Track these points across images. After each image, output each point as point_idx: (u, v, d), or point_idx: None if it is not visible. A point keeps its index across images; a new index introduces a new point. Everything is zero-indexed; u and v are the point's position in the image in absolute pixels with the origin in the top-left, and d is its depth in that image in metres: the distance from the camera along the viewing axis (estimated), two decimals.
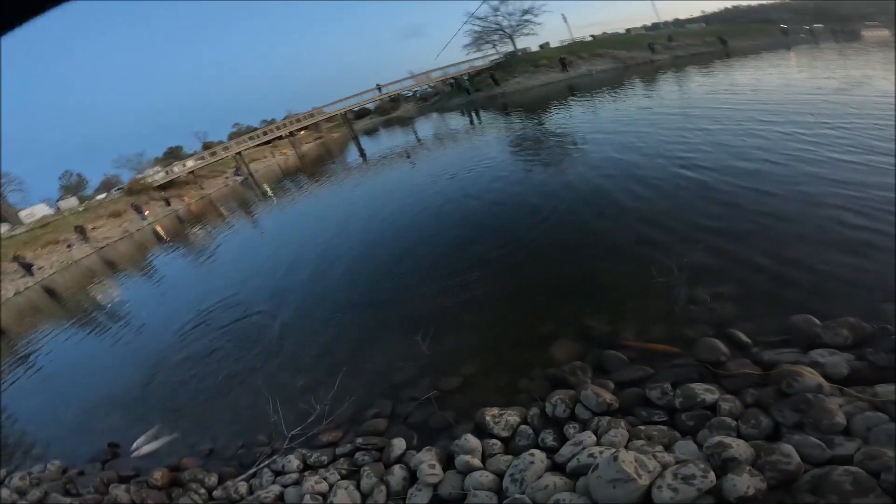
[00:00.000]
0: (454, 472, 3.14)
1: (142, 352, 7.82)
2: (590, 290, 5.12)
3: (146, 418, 5.55)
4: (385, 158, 22.33)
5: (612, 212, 6.90)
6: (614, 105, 17.92)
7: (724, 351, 3.47)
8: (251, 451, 4.35)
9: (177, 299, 10.44)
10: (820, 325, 3.37)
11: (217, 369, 6.21)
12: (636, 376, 3.58)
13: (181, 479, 4.23)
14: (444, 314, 5.56)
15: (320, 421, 4.20)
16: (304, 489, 3.40)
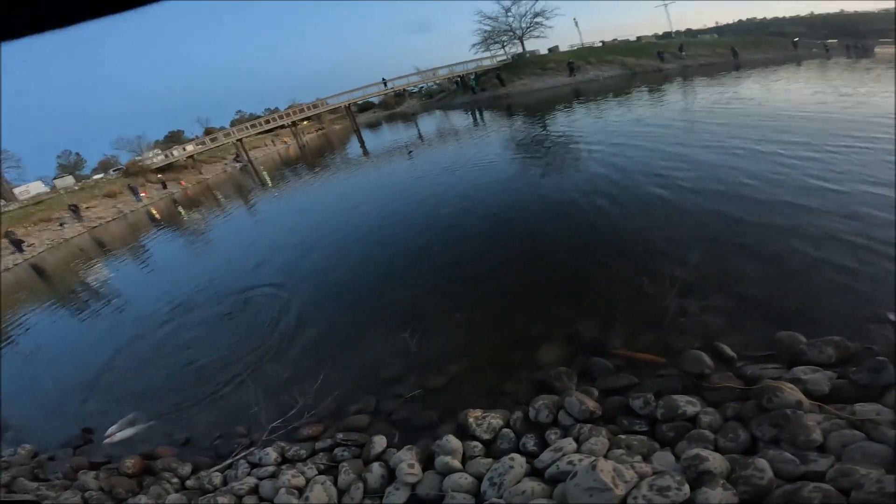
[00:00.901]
0: (433, 473, 3.12)
1: (124, 335, 7.71)
2: (581, 295, 5.12)
3: (124, 404, 5.47)
4: (386, 153, 22.30)
5: (609, 220, 6.89)
6: (618, 112, 17.90)
7: (709, 364, 3.48)
8: (229, 442, 4.28)
9: (163, 283, 10.34)
10: (805, 342, 3.39)
11: (200, 357, 6.13)
12: (621, 385, 3.58)
13: (154, 467, 4.14)
14: (433, 312, 5.54)
15: (302, 414, 4.16)
16: (280, 482, 3.34)
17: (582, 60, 40.31)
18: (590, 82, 35.51)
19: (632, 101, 20.01)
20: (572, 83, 36.35)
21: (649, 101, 19.14)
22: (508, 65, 45.15)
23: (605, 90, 26.94)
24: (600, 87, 29.69)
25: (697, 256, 5.14)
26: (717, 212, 6.25)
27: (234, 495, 3.39)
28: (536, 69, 41.32)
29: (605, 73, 38.07)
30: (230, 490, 3.45)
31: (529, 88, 38.25)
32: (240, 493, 3.41)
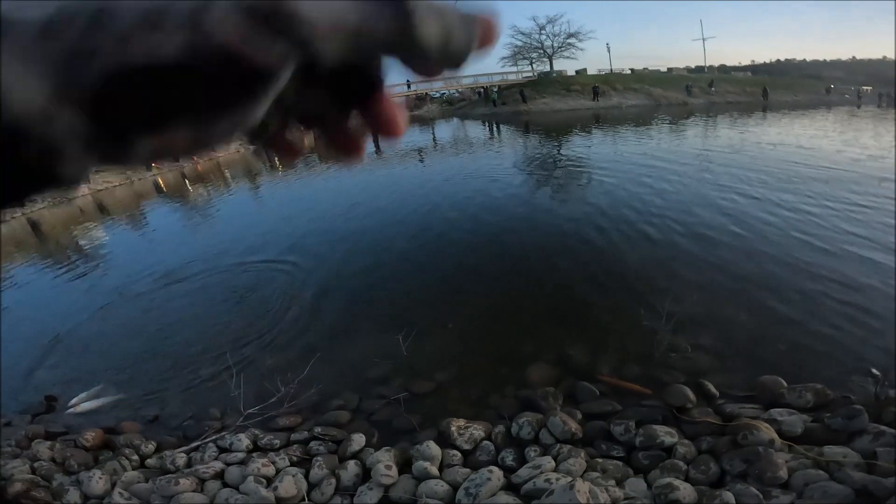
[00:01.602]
0: (409, 477, 3.12)
1: (107, 302, 7.63)
2: (577, 319, 5.13)
3: (97, 372, 5.35)
4: (399, 154, 22.33)
5: (613, 250, 6.89)
6: (634, 143, 17.93)
7: (692, 398, 3.61)
8: (200, 424, 4.17)
9: (156, 253, 10.31)
10: (786, 386, 3.54)
11: (182, 333, 6.07)
12: (604, 410, 3.64)
13: (115, 442, 4.02)
14: (428, 318, 5.51)
15: (281, 404, 4.11)
16: (249, 470, 3.29)
17: (608, 86, 39.97)
18: (612, 109, 35.30)
19: (650, 133, 20.00)
20: (594, 108, 36.13)
21: (667, 136, 19.15)
22: (533, 82, 44.95)
23: (626, 119, 26.87)
24: (621, 115, 29.60)
25: (696, 297, 5.17)
26: (720, 257, 6.29)
27: (196, 478, 3.30)
28: (560, 89, 41.02)
29: (628, 101, 37.78)
30: (194, 472, 3.35)
31: (551, 108, 37.98)
32: (203, 477, 3.33)
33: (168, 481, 3.19)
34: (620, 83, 41.21)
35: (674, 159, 13.20)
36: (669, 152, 14.40)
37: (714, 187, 9.63)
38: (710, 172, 11.11)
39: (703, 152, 14.18)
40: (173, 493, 3.14)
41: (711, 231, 7.17)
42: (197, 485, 3.26)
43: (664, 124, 23.36)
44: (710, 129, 20.46)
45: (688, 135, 19.08)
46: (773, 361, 3.98)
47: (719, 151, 14.20)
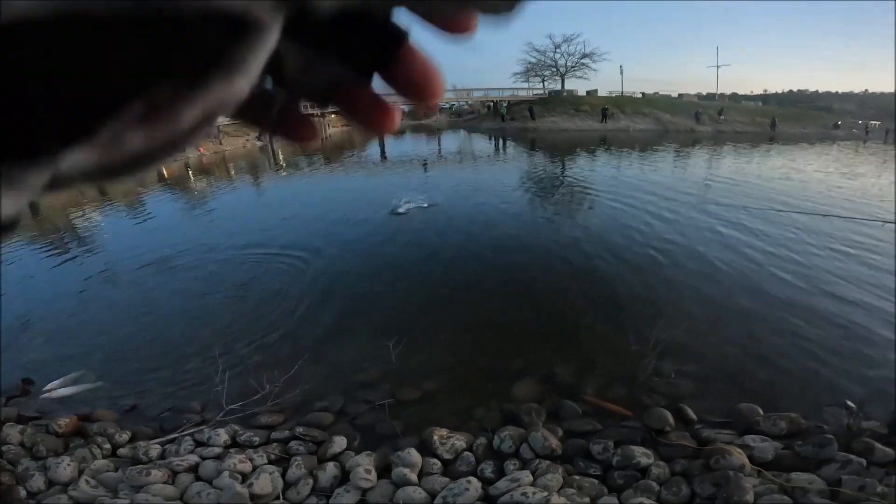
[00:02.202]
0: (388, 482, 3.12)
1: (96, 285, 7.63)
2: (566, 339, 5.17)
3: (78, 357, 5.26)
4: (403, 162, 22.48)
5: (608, 272, 6.95)
6: (637, 167, 18.05)
7: (671, 422, 3.68)
8: (179, 416, 4.11)
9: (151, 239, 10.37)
10: (762, 414, 3.68)
11: (170, 322, 6.06)
12: (585, 429, 3.70)
13: (88, 430, 3.91)
14: (421, 327, 5.54)
15: (265, 401, 4.09)
16: (225, 465, 3.22)
17: (617, 108, 40.08)
18: (619, 131, 35.44)
19: (654, 159, 20.12)
20: (602, 130, 36.27)
21: (671, 163, 19.26)
22: (543, 99, 45.14)
23: (632, 142, 27.05)
24: (628, 139, 29.77)
25: (684, 325, 5.23)
26: (711, 288, 6.36)
27: (169, 470, 3.23)
28: (570, 109, 41.15)
29: (636, 125, 37.85)
30: (167, 464, 3.28)
31: (558, 127, 38.13)
32: (177, 469, 3.25)
33: (139, 472, 3.13)
34: (630, 106, 41.33)
35: (674, 187, 13.29)
36: (670, 179, 14.48)
37: (711, 218, 9.70)
38: (708, 203, 11.17)
39: (704, 182, 14.26)
40: (143, 484, 3.07)
41: (705, 262, 7.23)
42: (169, 477, 3.19)
43: (669, 151, 23.48)
44: (713, 159, 20.56)
45: (691, 163, 19.18)
46: (752, 390, 4.10)
47: (720, 182, 14.28)
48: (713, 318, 5.51)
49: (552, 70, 50.99)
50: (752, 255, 7.38)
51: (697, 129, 36.86)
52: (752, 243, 7.94)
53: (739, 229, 8.78)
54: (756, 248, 7.67)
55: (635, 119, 38.98)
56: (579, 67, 50.26)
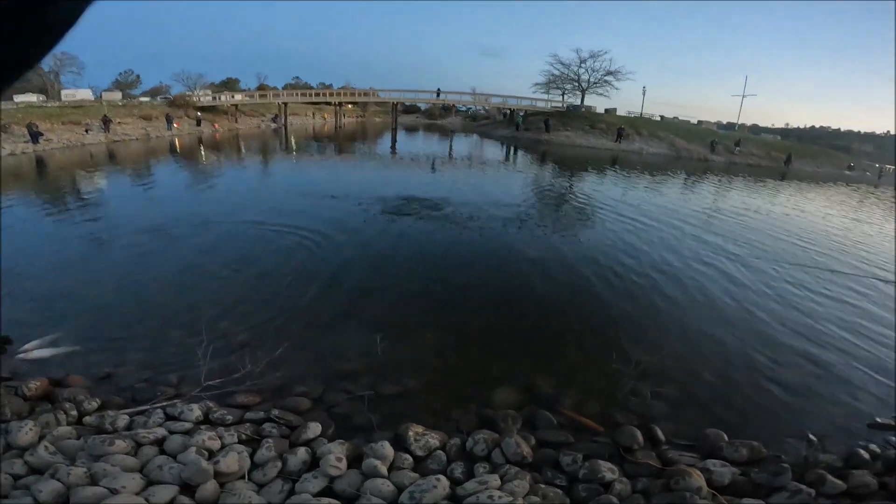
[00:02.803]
0: (357, 472, 3.13)
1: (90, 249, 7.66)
2: (551, 352, 5.19)
3: (59, 320, 5.20)
4: (412, 159, 22.53)
5: (600, 291, 6.97)
6: (644, 190, 18.04)
7: (640, 441, 3.73)
8: (153, 388, 4.06)
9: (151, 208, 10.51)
10: (727, 440, 3.77)
11: (159, 291, 6.07)
12: (557, 440, 3.76)
13: (57, 395, 3.83)
14: (410, 324, 5.58)
15: (244, 381, 4.09)
16: (193, 441, 3.18)
17: (633, 129, 39.61)
18: (632, 153, 35.00)
19: (663, 185, 20.06)
20: (615, 149, 35.82)
21: (679, 190, 19.23)
22: (560, 113, 44.67)
23: (644, 165, 26.82)
24: (640, 161, 29.51)
25: (667, 350, 5.30)
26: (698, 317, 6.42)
27: (134, 441, 3.18)
28: (585, 125, 40.63)
29: (650, 148, 37.39)
30: (132, 435, 3.22)
31: (571, 142, 37.79)
32: (142, 441, 3.20)
33: (102, 441, 3.08)
34: (646, 129, 40.77)
35: (677, 215, 13.28)
36: (675, 207, 14.44)
37: (706, 251, 9.69)
38: (707, 234, 11.17)
39: (707, 212, 14.25)
40: (103, 454, 3.02)
41: (695, 292, 7.25)
42: (132, 448, 3.15)
43: (679, 177, 23.43)
44: (721, 190, 20.54)
45: (698, 192, 19.15)
46: (722, 416, 4.21)
47: (723, 214, 14.27)
48: (694, 346, 5.58)
49: (574, 84, 50.28)
50: (739, 292, 7.42)
51: (711, 158, 36.37)
52: (741, 280, 7.96)
53: (731, 265, 8.78)
54: (744, 287, 7.69)
55: (650, 142, 38.51)
56: (602, 84, 49.59)
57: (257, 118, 45.30)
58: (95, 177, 14.55)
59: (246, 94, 47.58)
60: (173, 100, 39.91)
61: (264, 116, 46.17)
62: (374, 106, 61.07)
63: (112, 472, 2.84)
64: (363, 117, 63.26)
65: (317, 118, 55.36)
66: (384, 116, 60.48)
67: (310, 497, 2.84)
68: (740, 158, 37.31)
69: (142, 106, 36.20)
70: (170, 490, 2.77)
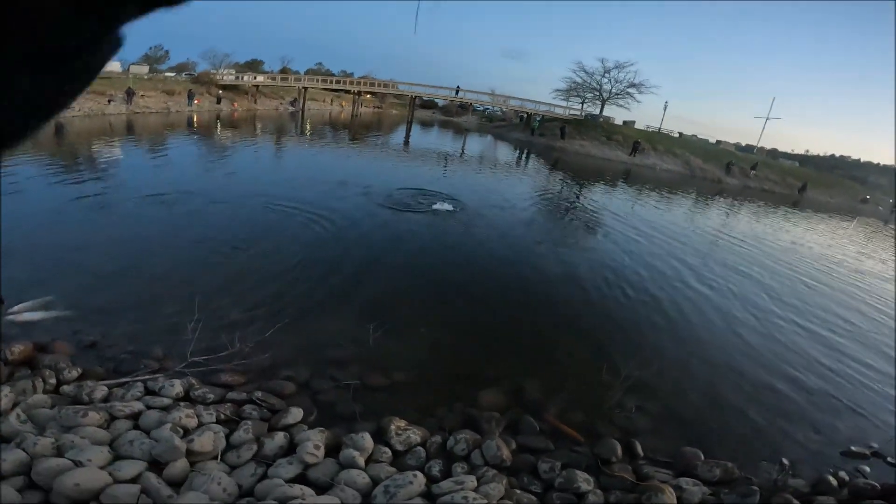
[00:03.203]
0: (334, 462, 3.11)
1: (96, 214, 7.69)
2: (542, 359, 5.17)
3: (55, 282, 5.16)
4: (424, 154, 22.52)
5: (597, 303, 6.94)
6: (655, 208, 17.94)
7: (618, 454, 3.75)
8: (137, 360, 4.01)
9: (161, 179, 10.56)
10: (702, 460, 3.82)
11: (156, 262, 6.07)
12: (537, 446, 3.76)
13: (39, 361, 3.74)
14: (406, 317, 5.57)
15: (230, 360, 4.06)
16: (170, 418, 3.12)
17: (650, 144, 38.61)
18: (645, 168, 34.45)
19: (673, 203, 19.89)
20: (628, 163, 35.25)
21: (687, 210, 19.08)
22: (578, 121, 43.71)
23: (656, 182, 26.46)
24: (652, 177, 29.14)
25: (658, 366, 5.25)
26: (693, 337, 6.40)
27: (108, 414, 3.12)
28: (601, 136, 39.74)
29: (664, 165, 36.62)
30: (108, 408, 3.16)
31: (585, 152, 37.09)
32: (116, 415, 3.13)
33: (76, 412, 3.02)
34: (663, 144, 39.75)
35: (683, 235, 13.19)
36: (681, 228, 14.32)
37: (708, 273, 9.63)
38: (709, 258, 11.08)
39: (713, 236, 14.13)
40: (75, 425, 2.96)
41: (692, 313, 7.21)
42: (105, 421, 3.08)
43: (689, 197, 23.24)
44: (731, 214, 20.39)
45: (707, 214, 19.01)
46: (702, 436, 4.25)
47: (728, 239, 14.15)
48: (684, 365, 5.57)
49: (595, 93, 49.31)
50: (733, 317, 7.37)
51: (725, 179, 35.56)
52: (735, 306, 7.90)
53: (729, 291, 8.71)
54: (737, 312, 7.63)
55: (665, 158, 37.64)
56: (623, 96, 48.47)
57: (276, 100, 45.64)
58: (113, 147, 14.65)
59: (268, 76, 47.83)
60: (197, 76, 40.43)
61: (283, 99, 46.52)
62: (393, 98, 61.16)
63: (80, 444, 2.79)
64: (380, 108, 63.38)
65: (334, 105, 55.57)
66: (401, 109, 60.37)
67: (281, 482, 2.81)
68: (755, 183, 36.46)
69: (166, 80, 36.58)
70: (137, 465, 2.73)
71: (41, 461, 2.59)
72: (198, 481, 2.69)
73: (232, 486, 2.73)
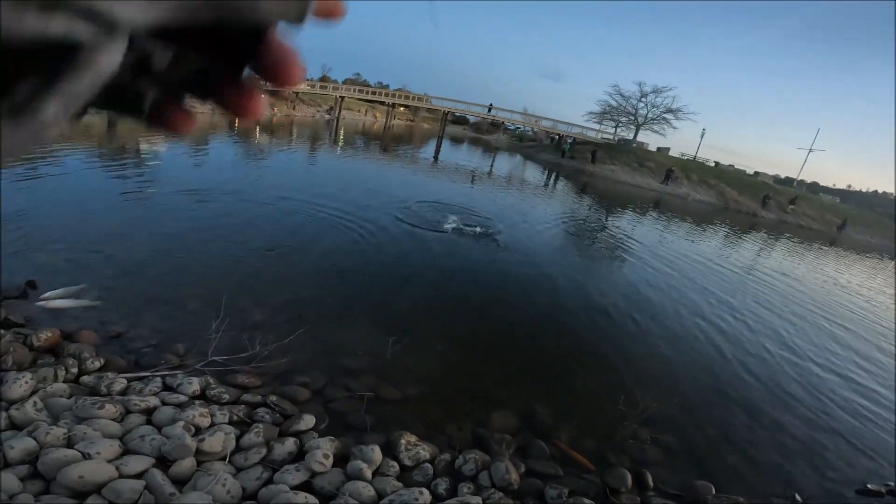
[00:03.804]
0: (341, 472, 3.09)
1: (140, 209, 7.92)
2: (558, 383, 5.10)
3: (90, 270, 5.33)
4: (453, 170, 22.64)
5: (618, 331, 6.84)
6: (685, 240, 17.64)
7: (628, 484, 3.72)
8: (159, 355, 4.08)
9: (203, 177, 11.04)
10: (713, 493, 3.80)
11: (187, 257, 6.24)
12: (546, 471, 3.70)
13: (64, 349, 3.79)
14: (424, 333, 5.55)
15: (249, 361, 4.11)
16: (183, 415, 3.15)
17: (683, 173, 37.74)
18: (676, 197, 33.76)
19: (703, 235, 19.50)
20: (659, 191, 34.55)
21: (719, 244, 18.67)
22: (610, 145, 43.14)
23: (687, 212, 25.85)
24: (683, 207, 28.50)
25: (677, 399, 5.18)
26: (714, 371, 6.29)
27: (124, 408, 3.16)
28: (633, 162, 38.87)
29: (696, 195, 35.70)
30: (124, 401, 3.20)
31: (616, 178, 36.34)
32: (132, 409, 3.18)
33: (92, 403, 3.05)
34: (697, 174, 38.74)
35: (711, 269, 12.94)
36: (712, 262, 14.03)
37: (735, 309, 9.40)
38: (738, 294, 10.80)
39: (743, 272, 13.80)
40: (90, 416, 2.99)
41: (717, 347, 7.06)
42: (120, 414, 3.12)
43: (721, 229, 22.75)
44: (764, 249, 19.89)
45: (739, 248, 18.58)
46: (715, 470, 4.20)
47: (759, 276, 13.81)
48: (704, 399, 5.48)
49: (629, 117, 48.83)
50: (758, 354, 7.20)
51: (760, 213, 34.48)
52: (760, 344, 7.69)
53: (752, 328, 8.47)
54: (763, 351, 7.44)
55: (698, 188, 36.66)
56: (659, 121, 47.88)
57: (314, 108, 46.77)
58: (157, 142, 15.17)
59: (308, 83, 49.18)
60: None
61: (320, 107, 47.68)
62: (425, 112, 61.86)
63: (91, 436, 2.81)
64: (413, 121, 64.33)
65: (368, 115, 56.62)
66: (432, 123, 61.21)
67: (286, 488, 2.81)
68: (792, 218, 35.30)
69: None
70: (144, 461, 2.75)
71: (49, 451, 2.62)
72: (202, 481, 2.71)
73: (236, 488, 2.74)
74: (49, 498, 2.45)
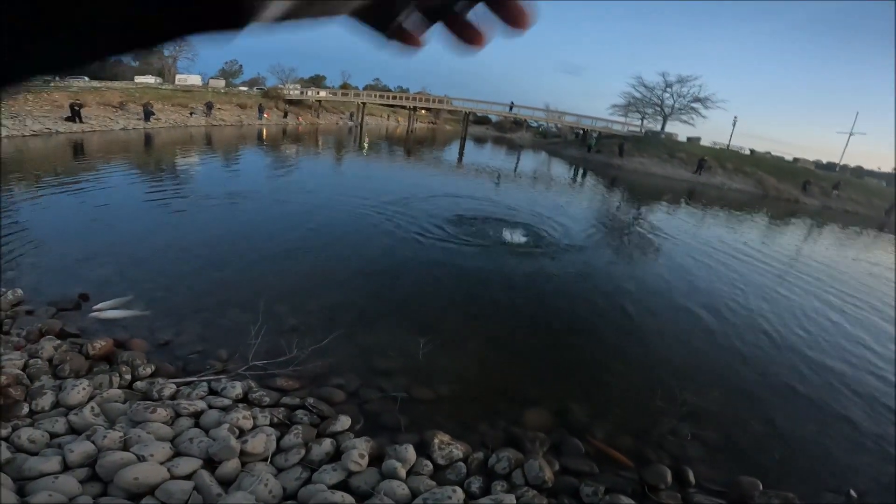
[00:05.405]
0: (376, 471, 3.16)
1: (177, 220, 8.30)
2: (593, 380, 5.07)
3: (138, 282, 5.64)
4: (477, 171, 22.61)
5: (655, 326, 6.73)
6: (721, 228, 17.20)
7: (668, 481, 3.62)
8: (204, 361, 4.29)
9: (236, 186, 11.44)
10: (760, 490, 3.64)
11: (230, 269, 6.48)
12: (581, 469, 3.65)
13: (117, 357, 4.03)
14: (455, 333, 5.60)
15: (287, 365, 4.23)
16: (228, 418, 3.30)
17: (717, 162, 36.12)
18: (711, 187, 32.51)
19: (742, 224, 18.86)
20: (692, 181, 33.40)
21: (761, 232, 18.10)
22: (637, 138, 41.71)
23: (722, 202, 25.04)
24: (718, 197, 27.30)
25: (718, 394, 5.06)
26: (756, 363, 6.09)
27: (174, 411, 3.33)
28: (663, 153, 37.55)
29: (732, 184, 34.15)
30: (174, 405, 3.38)
31: (645, 170, 35.26)
32: (181, 412, 3.34)
33: (146, 407, 3.22)
34: (732, 162, 37.03)
35: (752, 258, 12.56)
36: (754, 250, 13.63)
37: (776, 299, 9.11)
38: (779, 284, 10.44)
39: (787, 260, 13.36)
40: (144, 420, 3.16)
41: (759, 338, 6.88)
42: (170, 418, 3.28)
43: (762, 218, 21.99)
44: (809, 237, 19.16)
45: (782, 235, 17.98)
46: (762, 465, 4.05)
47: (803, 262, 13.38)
48: (746, 393, 5.30)
49: (656, 109, 47.48)
50: (804, 344, 6.96)
51: (803, 200, 32.72)
52: (805, 333, 7.43)
53: (797, 318, 8.19)
54: (810, 340, 7.18)
55: (734, 177, 35.00)
56: (687, 111, 46.46)
57: (336, 115, 47.65)
58: (192, 155, 15.75)
59: (330, 90, 50.16)
60: (266, 91, 43.44)
61: (343, 114, 48.49)
62: (447, 114, 61.97)
63: (145, 439, 2.97)
64: (435, 124, 64.45)
65: (391, 120, 57.16)
66: (455, 125, 61.19)
67: (324, 488, 2.89)
68: (837, 203, 33.14)
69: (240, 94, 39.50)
70: (193, 463, 2.88)
71: (107, 454, 2.76)
72: (246, 482, 2.81)
73: (277, 488, 2.83)
74: (107, 500, 2.59)
